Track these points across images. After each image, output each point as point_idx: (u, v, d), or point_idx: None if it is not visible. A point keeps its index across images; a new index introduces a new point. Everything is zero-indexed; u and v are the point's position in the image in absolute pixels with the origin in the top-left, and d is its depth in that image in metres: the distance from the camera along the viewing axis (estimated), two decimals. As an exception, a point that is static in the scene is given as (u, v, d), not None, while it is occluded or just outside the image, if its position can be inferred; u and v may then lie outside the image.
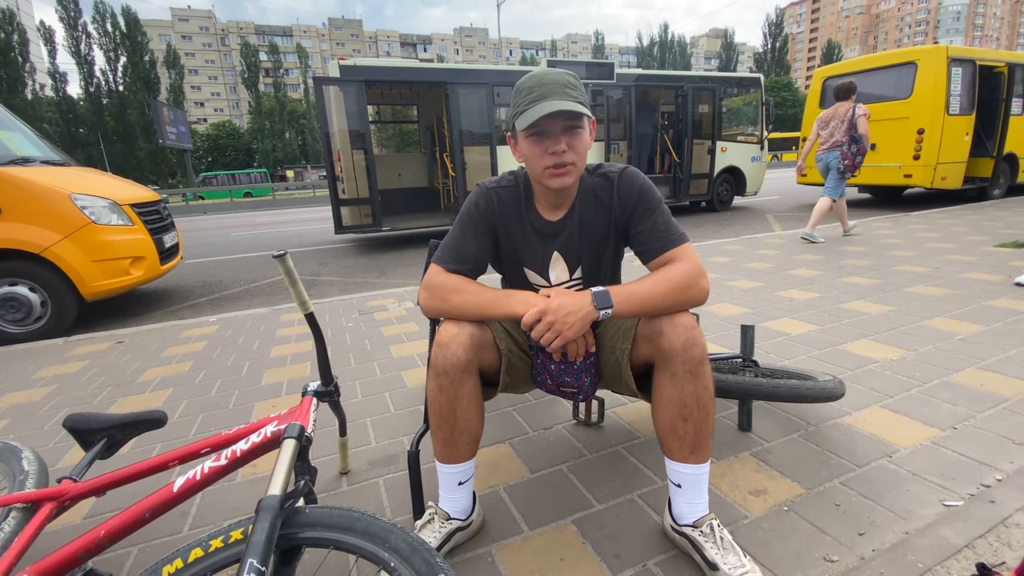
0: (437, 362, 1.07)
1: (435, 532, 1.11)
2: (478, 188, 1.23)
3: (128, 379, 2.40)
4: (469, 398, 1.09)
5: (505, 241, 1.23)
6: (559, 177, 1.10)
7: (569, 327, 1.00)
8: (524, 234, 1.22)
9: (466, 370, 1.07)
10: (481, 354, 1.11)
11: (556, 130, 1.07)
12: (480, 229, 1.19)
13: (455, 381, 1.06)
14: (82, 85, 38.38)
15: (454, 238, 1.19)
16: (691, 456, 1.05)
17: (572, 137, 1.08)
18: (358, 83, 6.42)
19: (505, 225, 1.22)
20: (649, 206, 1.15)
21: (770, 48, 59.75)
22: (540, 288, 1.25)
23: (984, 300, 2.75)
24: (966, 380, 1.84)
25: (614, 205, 1.18)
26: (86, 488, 1.07)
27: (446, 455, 1.13)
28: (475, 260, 1.18)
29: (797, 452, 1.46)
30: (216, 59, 74.31)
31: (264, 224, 12.02)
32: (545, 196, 1.20)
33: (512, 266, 1.26)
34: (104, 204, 3.67)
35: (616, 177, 1.18)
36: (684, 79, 8.95)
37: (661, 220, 1.14)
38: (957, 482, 1.29)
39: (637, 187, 1.16)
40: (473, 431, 1.12)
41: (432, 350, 1.09)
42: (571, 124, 1.07)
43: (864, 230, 5.37)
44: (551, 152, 1.07)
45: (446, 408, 1.08)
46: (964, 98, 7.26)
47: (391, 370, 2.27)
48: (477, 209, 1.19)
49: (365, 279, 5.01)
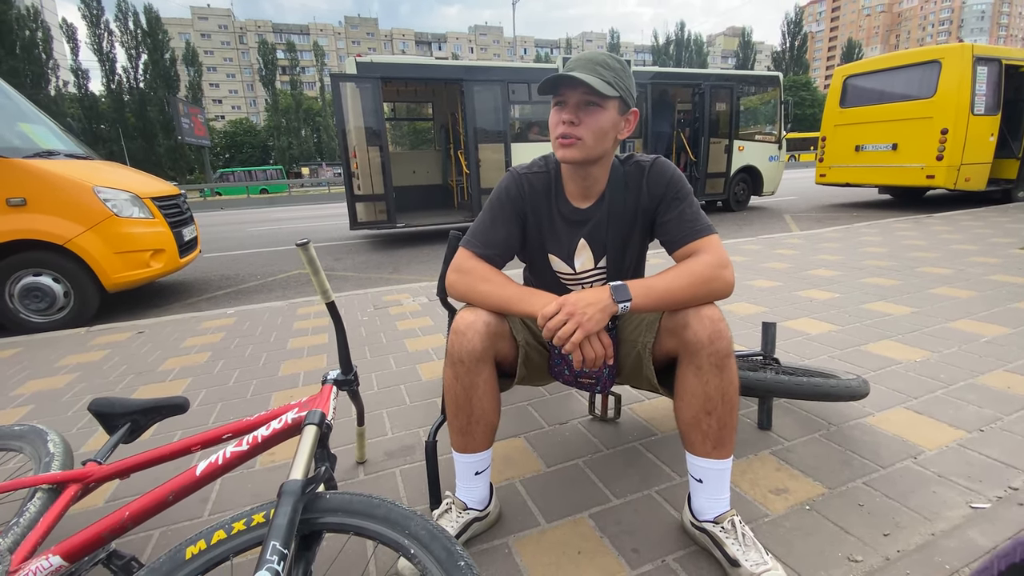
0: (453, 350, 1.07)
1: (453, 522, 1.11)
2: (510, 174, 1.22)
3: (148, 368, 2.44)
4: (485, 387, 1.09)
5: (533, 227, 1.22)
6: (563, 148, 1.09)
7: (589, 318, 0.97)
8: (552, 220, 1.21)
9: (482, 359, 1.07)
10: (497, 344, 1.10)
11: (573, 101, 1.06)
12: (509, 215, 1.19)
13: (471, 369, 1.06)
14: (104, 82, 39.09)
15: (483, 223, 1.19)
16: (714, 451, 1.03)
17: (586, 113, 1.06)
18: (374, 80, 6.46)
19: (534, 211, 1.21)
20: (678, 195, 1.14)
21: (788, 47, 58.83)
22: (563, 276, 1.25)
23: (1010, 303, 2.68)
24: (992, 382, 1.79)
25: (643, 194, 1.17)
26: (110, 471, 1.09)
27: (462, 444, 1.13)
28: (503, 246, 1.18)
29: (819, 451, 1.43)
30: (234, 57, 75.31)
31: (280, 220, 12.15)
32: (574, 181, 1.18)
33: (537, 252, 1.25)
34: (126, 197, 3.74)
35: (648, 166, 1.17)
36: (701, 77, 8.85)
37: (689, 210, 1.12)
38: (984, 484, 1.26)
39: (667, 176, 1.15)
40: (489, 420, 1.12)
41: (449, 338, 1.09)
42: (588, 99, 1.05)
43: (884, 231, 5.26)
44: (562, 120, 1.07)
45: (462, 396, 1.08)
46: (989, 98, 7.08)
47: (406, 363, 2.28)
48: (507, 195, 1.19)
49: (380, 275, 5.04)
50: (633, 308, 1.00)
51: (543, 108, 7.85)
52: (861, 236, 5.02)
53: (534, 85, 7.55)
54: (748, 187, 9.38)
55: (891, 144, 7.76)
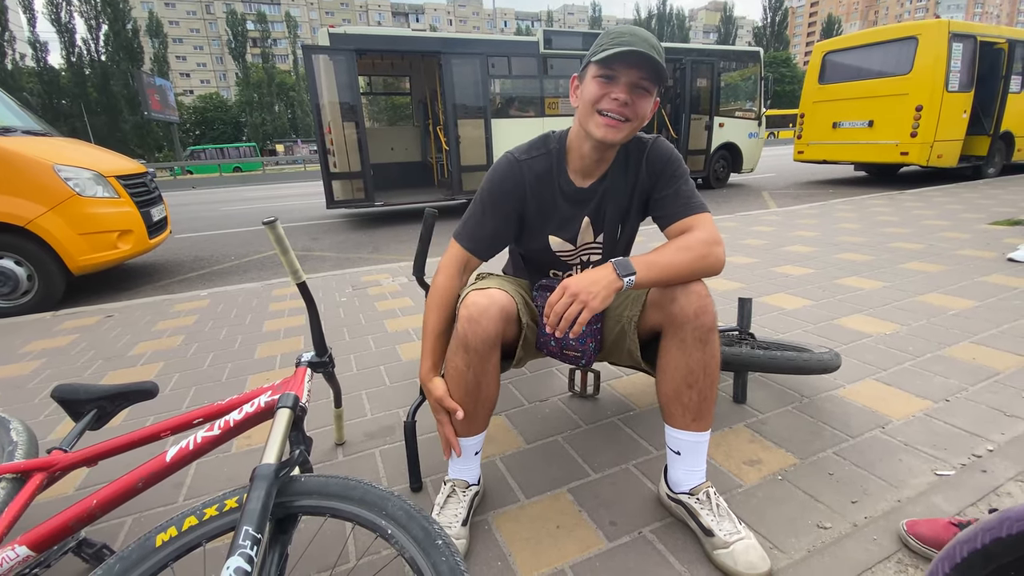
0: (468, 338, 1.03)
1: (461, 504, 1.11)
2: (507, 159, 1.16)
3: (118, 353, 2.37)
4: (493, 372, 1.08)
5: (534, 214, 1.18)
6: (609, 128, 1.03)
7: (594, 296, 0.94)
8: (555, 202, 1.18)
9: (495, 344, 1.05)
10: (508, 327, 1.09)
11: (627, 80, 1.01)
12: (501, 209, 1.15)
13: (484, 356, 1.04)
14: (63, 55, 37.13)
15: (474, 215, 1.16)
16: (693, 424, 1.05)
17: (638, 96, 1.03)
18: (348, 52, 6.24)
19: (536, 197, 1.17)
20: (675, 173, 1.13)
21: (770, 22, 58.69)
22: (561, 253, 1.23)
23: (978, 276, 2.76)
24: (959, 354, 1.85)
25: (642, 170, 1.16)
26: (76, 458, 1.05)
27: (467, 429, 1.11)
28: (491, 240, 1.17)
29: (791, 423, 1.47)
30: (201, 28, 72.00)
31: (254, 199, 11.83)
32: (582, 159, 1.14)
33: (536, 235, 1.21)
34: (89, 176, 3.58)
35: (650, 142, 1.16)
36: (683, 52, 8.77)
37: (685, 188, 1.12)
38: (949, 452, 1.31)
39: (667, 154, 1.15)
40: (492, 401, 1.12)
41: (461, 325, 1.04)
42: (643, 84, 1.02)
43: (859, 207, 5.36)
44: (613, 97, 1.01)
45: (472, 383, 1.06)
46: (964, 75, 7.16)
47: (386, 344, 2.26)
48: (501, 186, 1.14)
49: (358, 254, 4.96)
50: (637, 283, 0.98)
51: (524, 83, 7.70)
52: (837, 213, 5.10)
53: (515, 59, 7.39)
54: (728, 164, 9.42)
55: (867, 121, 7.84)
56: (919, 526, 1.00)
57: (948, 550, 0.64)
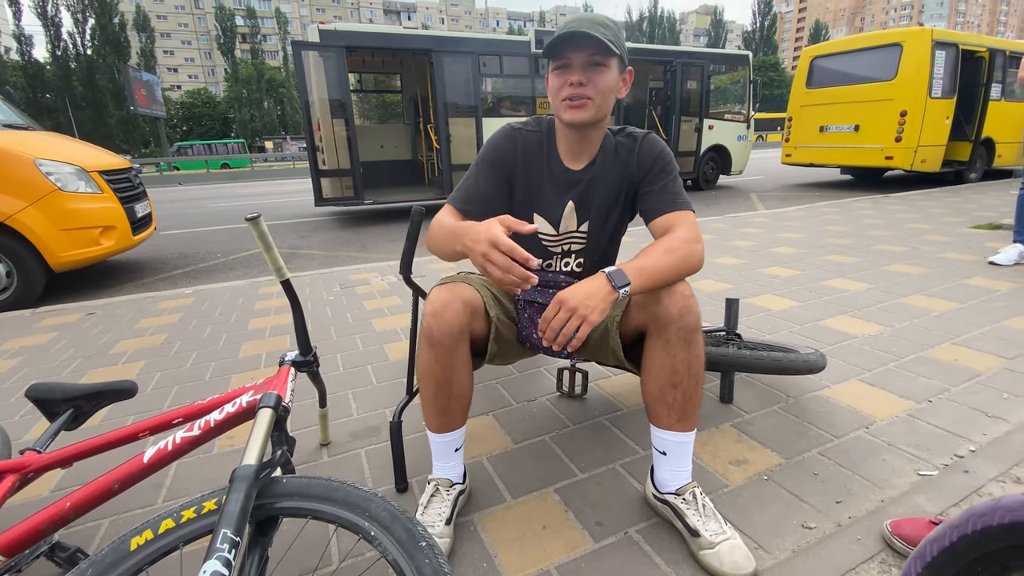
0: (432, 332, 1.04)
1: (445, 503, 1.09)
2: (506, 127, 1.21)
3: (99, 351, 2.32)
4: (463, 365, 1.07)
5: (522, 185, 1.21)
6: (573, 110, 1.08)
7: (592, 309, 0.91)
8: (541, 180, 1.20)
9: (460, 337, 1.05)
10: (473, 321, 1.09)
11: (579, 62, 1.05)
12: (495, 170, 1.19)
13: (450, 349, 1.04)
14: (49, 49, 36.42)
15: (468, 178, 1.19)
16: (678, 424, 1.05)
17: (594, 72, 1.05)
18: (339, 49, 6.19)
19: (525, 168, 1.20)
20: (665, 169, 1.16)
21: (759, 27, 59.33)
22: (545, 237, 1.23)
23: (960, 279, 2.81)
24: (941, 355, 1.88)
25: (632, 164, 1.18)
26: (50, 460, 1.02)
27: (441, 424, 1.11)
28: (484, 200, 1.17)
29: (777, 423, 1.48)
30: (190, 22, 71.09)
31: (242, 196, 11.69)
32: (567, 141, 1.18)
33: (522, 212, 1.23)
34: (71, 170, 3.51)
35: (640, 137, 1.19)
36: (673, 54, 8.82)
37: (673, 184, 1.15)
38: (932, 453, 1.32)
39: (658, 150, 1.17)
40: (466, 397, 1.11)
41: (426, 320, 1.06)
42: (595, 60, 1.04)
43: (845, 210, 5.42)
44: (570, 83, 1.06)
45: (441, 378, 1.06)
46: (946, 82, 7.30)
47: (373, 343, 2.23)
48: (496, 151, 1.19)
49: (347, 253, 4.92)
50: (631, 292, 0.96)
51: (515, 82, 7.70)
52: (823, 215, 5.15)
53: (506, 58, 7.38)
54: (717, 166, 9.50)
55: (853, 125, 7.95)
56: (902, 526, 1.01)
57: (920, 549, 0.65)
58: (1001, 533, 0.56)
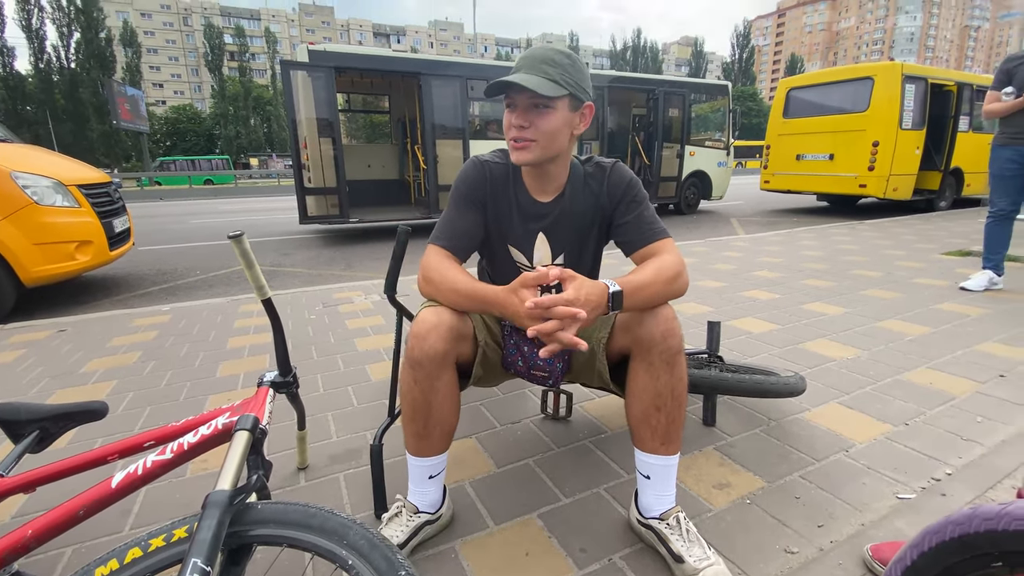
0: (413, 353, 1.02)
1: (402, 526, 1.07)
2: (472, 160, 1.21)
3: (69, 370, 2.25)
4: (445, 391, 1.05)
5: (492, 217, 1.21)
6: (516, 151, 1.09)
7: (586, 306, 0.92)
8: (510, 212, 1.20)
9: (443, 363, 1.03)
10: (459, 346, 1.08)
11: (521, 104, 1.06)
12: (470, 203, 1.18)
13: (431, 374, 1.02)
14: (31, 61, 36.03)
15: (448, 214, 1.18)
16: (662, 447, 1.05)
17: (537, 115, 1.05)
18: (327, 69, 6.24)
19: (494, 200, 1.20)
20: (636, 199, 1.16)
21: (737, 58, 61.58)
22: (523, 268, 1.23)
23: (932, 304, 2.88)
24: (917, 379, 1.92)
25: (603, 194, 1.18)
26: (13, 484, 0.98)
27: (418, 448, 1.09)
28: (469, 236, 1.17)
29: (759, 446, 1.48)
30: (177, 39, 71.18)
31: (225, 212, 11.57)
32: (531, 177, 1.18)
33: (497, 243, 1.23)
34: (48, 184, 3.44)
35: (609, 167, 1.19)
36: (656, 83, 9.08)
37: (647, 214, 1.15)
38: (909, 476, 1.34)
39: (627, 179, 1.18)
40: (448, 424, 1.09)
41: (409, 341, 1.04)
42: (536, 101, 1.04)
43: (821, 236, 5.57)
44: (513, 124, 1.07)
45: (420, 401, 1.04)
46: (916, 114, 7.62)
47: (355, 364, 2.20)
48: (466, 184, 1.18)
49: (330, 271, 4.87)
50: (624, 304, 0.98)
51: (502, 106, 7.81)
52: (801, 240, 5.28)
53: (493, 83, 7.50)
54: (698, 191, 9.71)
55: (828, 154, 8.23)
56: (882, 550, 1.01)
57: (900, 553, 0.66)
58: (978, 540, 0.57)
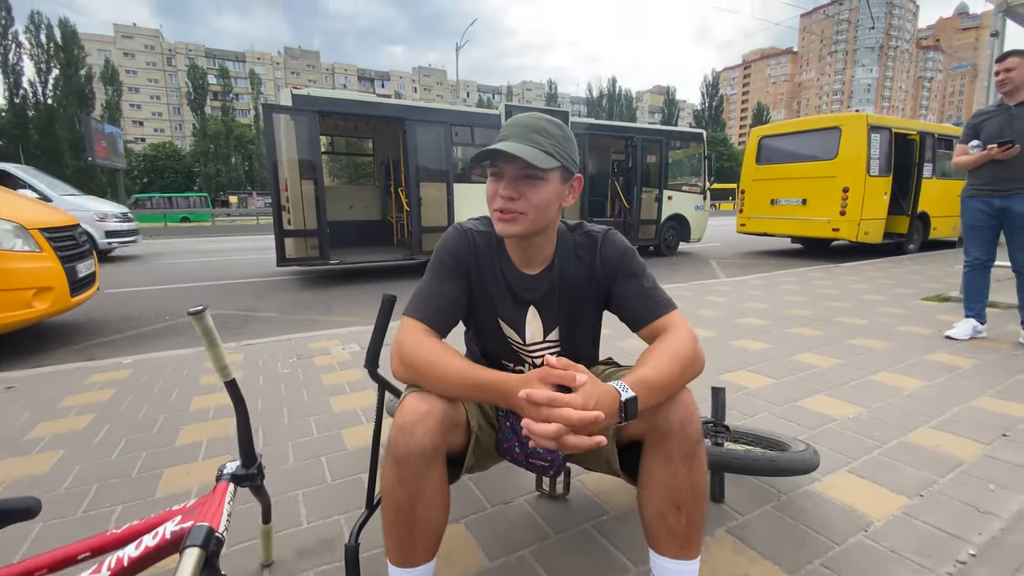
0: (398, 450, 0.89)
1: None
2: (455, 229, 1.12)
3: (13, 436, 2.02)
4: (433, 492, 0.92)
5: (479, 288, 1.11)
6: (503, 223, 1.00)
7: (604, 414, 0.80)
8: (497, 284, 1.11)
9: (432, 460, 0.90)
10: (451, 435, 0.96)
11: (510, 174, 0.98)
12: (454, 273, 1.07)
13: (418, 474, 0.89)
14: (6, 96, 35.73)
15: (428, 283, 1.06)
16: (682, 551, 0.92)
17: (527, 187, 0.98)
18: (311, 113, 6.24)
19: (479, 270, 1.10)
20: (634, 271, 1.07)
21: (707, 106, 64.75)
22: (514, 343, 1.13)
23: (922, 354, 2.86)
24: (921, 440, 1.85)
25: (596, 266, 1.09)
26: (-96, 616, 0.81)
27: (401, 558, 0.94)
28: (452, 309, 1.06)
29: (773, 527, 1.37)
30: (160, 79, 71.74)
31: (200, 252, 11.29)
32: (515, 248, 1.09)
33: (487, 316, 1.13)
34: (8, 227, 3.26)
35: (600, 237, 1.10)
36: (634, 130, 9.37)
37: (648, 285, 1.06)
38: (935, 559, 1.24)
39: (621, 249, 1.09)
40: (436, 529, 0.94)
41: (393, 434, 0.90)
42: (527, 172, 0.97)
43: (801, 280, 5.64)
44: (500, 195, 0.99)
45: (404, 504, 0.90)
46: (882, 161, 7.97)
47: (330, 428, 2.04)
48: (449, 254, 1.08)
49: (307, 316, 4.69)
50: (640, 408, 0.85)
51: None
52: (782, 285, 5.33)
53: (478, 129, 7.61)
54: (677, 234, 9.90)
55: (801, 199, 8.50)
56: None
57: None
58: None
